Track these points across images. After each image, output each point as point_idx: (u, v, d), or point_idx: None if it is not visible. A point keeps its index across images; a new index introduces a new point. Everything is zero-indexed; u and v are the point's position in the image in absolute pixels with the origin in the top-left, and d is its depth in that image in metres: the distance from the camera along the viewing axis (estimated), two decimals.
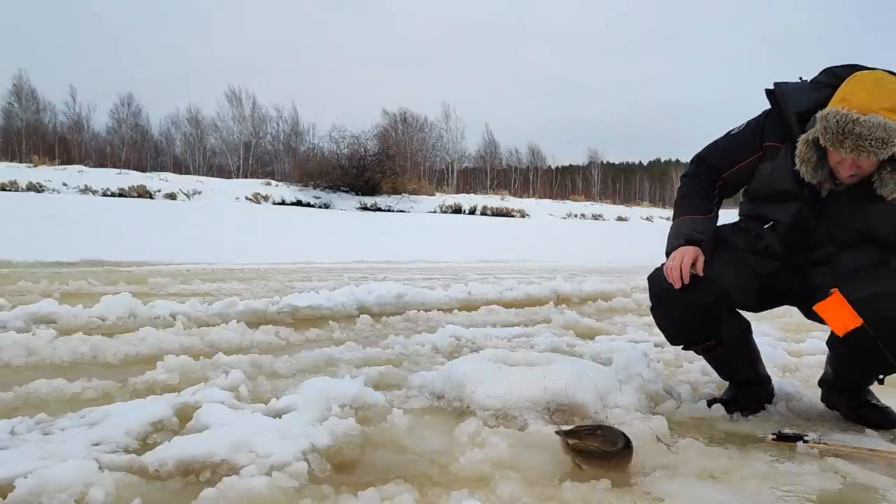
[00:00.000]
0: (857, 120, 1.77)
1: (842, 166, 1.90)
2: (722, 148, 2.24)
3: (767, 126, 2.11)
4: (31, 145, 36.61)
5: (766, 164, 2.11)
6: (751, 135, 2.15)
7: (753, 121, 2.18)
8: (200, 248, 9.03)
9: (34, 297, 4.13)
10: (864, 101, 1.79)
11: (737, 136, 2.20)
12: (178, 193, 25.10)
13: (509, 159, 55.02)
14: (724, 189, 2.27)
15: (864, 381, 2.21)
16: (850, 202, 1.99)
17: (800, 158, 1.95)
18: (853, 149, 1.80)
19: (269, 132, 47.84)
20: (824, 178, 1.96)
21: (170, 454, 1.59)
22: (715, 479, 1.65)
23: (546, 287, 5.63)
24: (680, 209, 2.27)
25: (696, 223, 2.18)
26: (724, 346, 2.29)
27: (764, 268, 2.18)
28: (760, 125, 2.14)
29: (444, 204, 29.53)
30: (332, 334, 3.52)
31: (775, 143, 2.08)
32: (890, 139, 1.77)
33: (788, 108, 2.02)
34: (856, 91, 1.83)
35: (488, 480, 1.58)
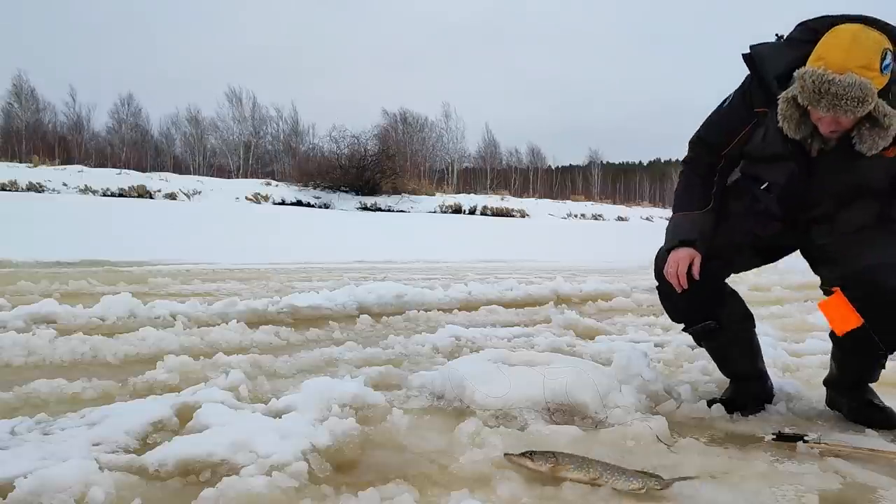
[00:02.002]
0: (832, 80, 1.78)
1: (822, 123, 1.92)
2: (717, 125, 2.25)
3: (754, 93, 2.12)
4: (31, 145, 36.56)
5: (758, 129, 2.13)
6: (741, 105, 2.16)
7: (739, 90, 2.18)
8: (200, 248, 9.03)
9: (34, 297, 4.13)
10: (839, 59, 1.79)
11: (728, 110, 2.20)
12: (178, 193, 25.09)
13: (509, 159, 55.11)
14: (725, 166, 2.28)
15: (868, 375, 2.22)
16: (839, 158, 2.01)
17: (782, 116, 1.97)
18: (829, 108, 1.82)
19: (269, 132, 47.87)
20: (809, 133, 1.98)
21: (170, 454, 1.59)
22: (715, 479, 1.65)
23: (546, 287, 5.63)
24: (677, 203, 2.30)
25: (690, 221, 2.22)
26: (723, 332, 2.30)
27: (765, 230, 2.22)
28: (747, 93, 2.14)
29: (444, 204, 29.52)
30: (332, 334, 3.52)
31: (763, 108, 2.10)
32: (865, 98, 1.79)
33: (768, 74, 2.04)
34: (832, 49, 1.83)
35: (488, 480, 1.58)
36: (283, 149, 46.93)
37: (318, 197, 28.19)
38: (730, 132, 2.19)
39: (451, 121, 48.99)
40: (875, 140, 1.90)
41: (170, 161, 44.92)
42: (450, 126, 49.01)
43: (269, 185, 29.87)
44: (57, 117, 43.79)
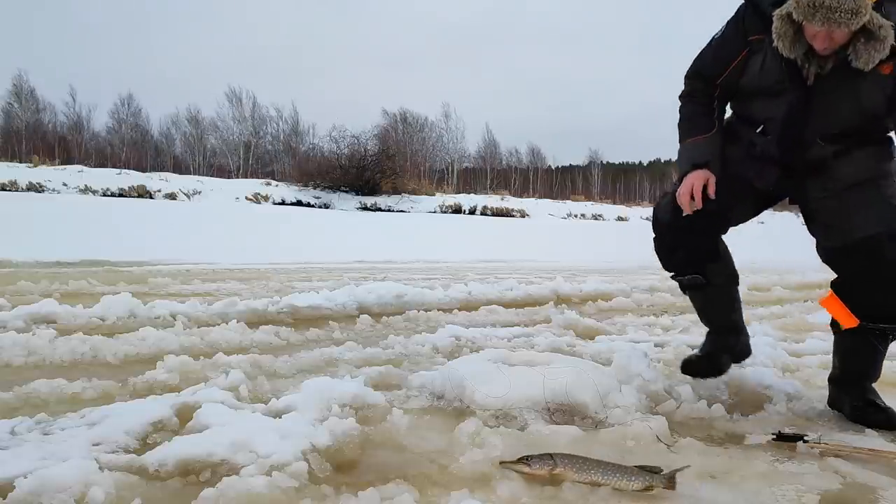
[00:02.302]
0: None
1: (816, 39, 1.92)
2: (710, 56, 2.26)
3: (748, 20, 2.12)
4: (31, 145, 36.53)
5: (755, 57, 2.13)
6: (734, 33, 2.17)
7: (733, 19, 2.19)
8: (200, 248, 9.03)
9: (34, 297, 4.13)
10: None
11: (721, 39, 2.21)
12: (178, 193, 25.09)
13: (509, 159, 55.07)
14: (722, 97, 2.29)
15: (870, 369, 2.24)
16: (836, 81, 2.01)
17: (776, 34, 1.97)
18: (824, 21, 1.83)
19: (269, 132, 47.84)
20: (803, 53, 1.99)
21: (170, 454, 1.59)
22: (715, 479, 1.65)
23: (546, 287, 5.62)
24: (683, 132, 2.30)
25: (700, 145, 2.23)
26: (709, 287, 2.39)
27: (762, 180, 2.25)
28: (741, 21, 2.14)
29: (444, 204, 29.51)
30: (332, 334, 3.52)
31: (759, 35, 2.09)
32: (859, 9, 1.80)
33: (759, 1, 2.06)
34: None
35: (488, 480, 1.58)
36: (283, 149, 46.91)
37: (318, 197, 28.19)
38: (724, 61, 2.20)
39: (451, 121, 48.99)
40: (871, 53, 1.90)
41: (170, 161, 44.89)
42: (450, 126, 49.02)
43: (269, 185, 29.86)
44: (57, 117, 43.79)
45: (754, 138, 2.24)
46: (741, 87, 2.22)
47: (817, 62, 2.00)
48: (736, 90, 2.25)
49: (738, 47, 2.15)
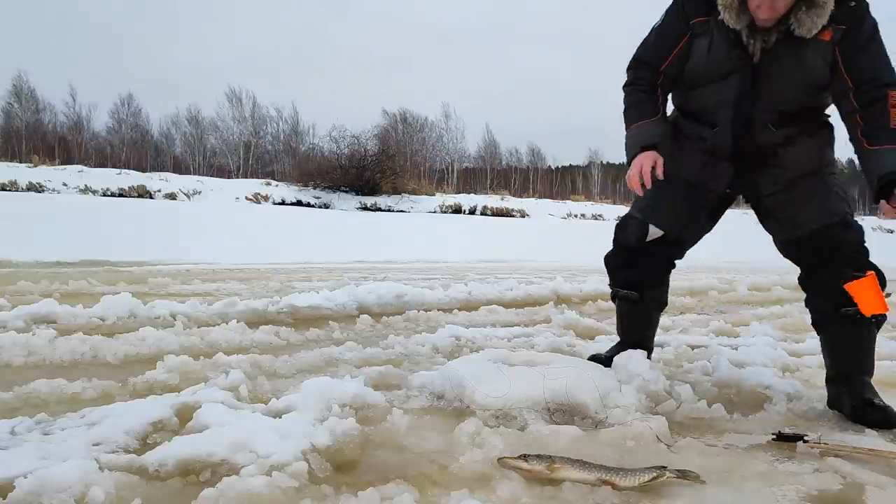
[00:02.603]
0: None
1: (761, 8, 1.97)
2: (652, 42, 2.31)
3: (688, 4, 2.17)
4: (31, 145, 36.53)
5: (699, 41, 2.17)
6: (675, 19, 2.21)
7: (673, 5, 2.24)
8: (200, 248, 9.02)
9: (34, 297, 4.13)
10: None
11: (661, 28, 2.27)
12: (178, 193, 25.09)
13: (509, 159, 55.07)
14: (665, 84, 2.33)
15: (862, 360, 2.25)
16: (782, 54, 2.08)
17: (723, 6, 2.02)
18: None
19: (269, 132, 47.85)
20: (747, 25, 2.04)
21: (170, 454, 1.59)
22: (715, 479, 1.65)
23: (546, 287, 5.62)
24: (628, 118, 2.34)
25: (646, 128, 2.27)
26: (640, 305, 2.58)
27: (717, 180, 2.33)
28: (681, 7, 2.19)
29: (444, 204, 29.51)
30: (332, 334, 3.52)
31: (701, 17, 2.14)
32: None
33: None
34: None
35: (488, 480, 1.58)
36: (283, 149, 46.92)
37: (318, 197, 28.19)
38: (667, 47, 2.25)
39: (451, 121, 49.03)
40: (814, 20, 1.97)
41: (170, 161, 44.90)
42: (450, 126, 49.04)
43: (269, 185, 29.87)
44: (57, 117, 43.80)
45: (703, 133, 2.29)
46: (687, 75, 2.26)
47: (761, 37, 2.06)
48: (681, 78, 2.30)
49: (679, 32, 2.20)
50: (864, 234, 2.20)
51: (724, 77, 2.16)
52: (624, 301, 2.62)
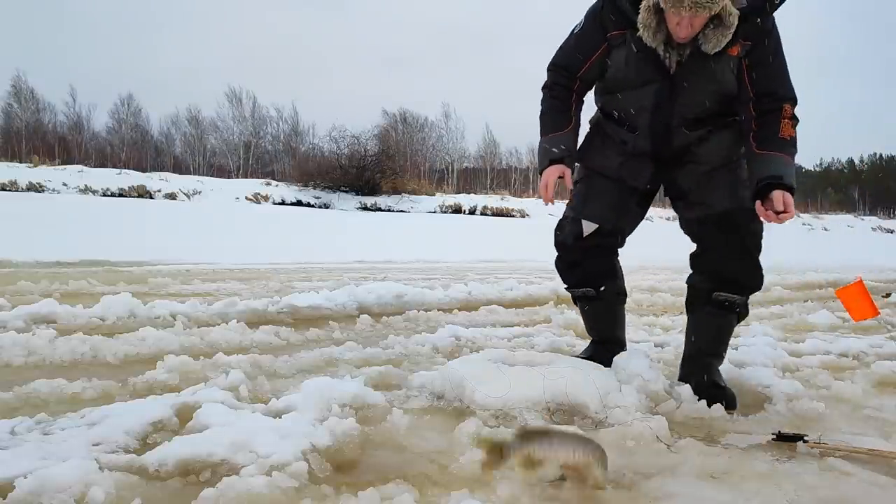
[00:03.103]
0: None
1: (680, 27, 2.06)
2: (570, 49, 2.38)
3: (605, 17, 2.24)
4: (32, 145, 36.52)
5: (617, 52, 2.26)
6: (592, 30, 2.30)
7: (591, 14, 2.32)
8: (200, 248, 9.02)
9: (34, 297, 4.13)
10: None
11: (580, 34, 2.35)
12: (178, 193, 25.10)
13: (509, 159, 55.04)
14: (581, 89, 2.43)
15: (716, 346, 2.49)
16: (695, 67, 2.19)
17: (642, 24, 2.11)
18: (692, 5, 1.96)
19: (269, 132, 47.80)
20: (663, 41, 2.14)
21: (170, 454, 1.59)
22: (715, 479, 1.65)
23: (546, 287, 5.62)
24: (542, 127, 2.43)
25: (556, 140, 2.36)
26: (599, 301, 2.62)
27: (637, 178, 2.44)
28: (598, 18, 2.26)
29: (444, 204, 29.51)
30: (332, 334, 3.52)
31: (618, 30, 2.23)
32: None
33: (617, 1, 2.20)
34: None
35: (488, 480, 1.58)
36: (283, 149, 46.89)
37: (318, 197, 28.20)
38: (584, 54, 2.33)
39: (451, 121, 48.98)
40: (719, 38, 2.09)
41: (170, 161, 44.88)
42: (450, 126, 49.00)
43: (269, 185, 29.87)
44: (57, 117, 43.75)
45: (624, 136, 2.40)
46: (607, 81, 2.36)
47: (677, 51, 2.17)
48: (597, 83, 2.42)
49: (597, 42, 2.29)
50: (763, 230, 2.36)
51: (642, 85, 2.27)
52: (582, 300, 2.68)
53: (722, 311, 2.43)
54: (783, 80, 2.24)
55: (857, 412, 2.38)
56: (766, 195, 2.13)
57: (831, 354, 3.31)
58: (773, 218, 2.13)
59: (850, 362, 3.22)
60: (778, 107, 2.20)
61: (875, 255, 15.19)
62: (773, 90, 2.21)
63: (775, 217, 2.12)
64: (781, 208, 2.09)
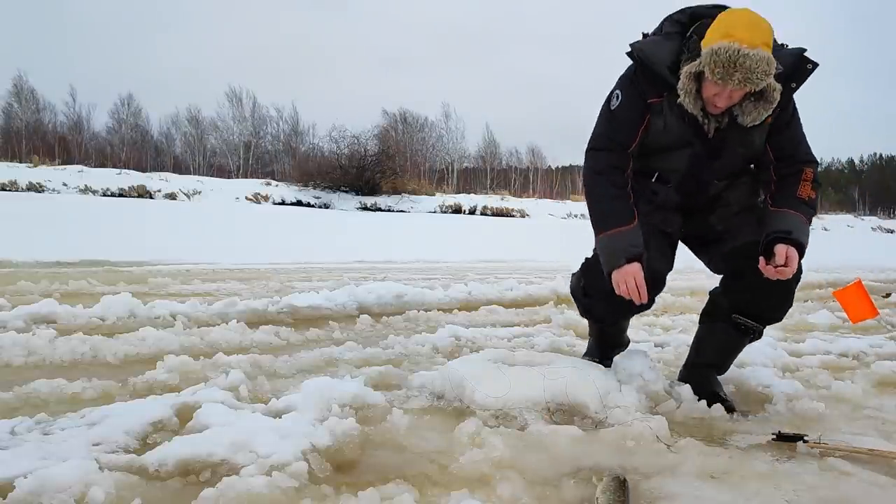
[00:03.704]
0: (747, 54, 1.90)
1: (719, 98, 2.03)
2: (617, 127, 2.25)
3: (642, 84, 2.19)
4: (32, 145, 36.53)
5: (655, 119, 2.20)
6: (634, 98, 2.21)
7: (626, 86, 2.24)
8: (200, 248, 9.02)
9: (34, 297, 4.13)
10: (749, 36, 1.92)
11: (622, 109, 2.23)
12: (178, 193, 25.10)
13: (509, 159, 55.04)
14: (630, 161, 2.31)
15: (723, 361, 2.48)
16: (734, 134, 2.16)
17: (683, 91, 2.06)
18: (742, 81, 1.93)
19: (269, 132, 47.80)
20: (700, 110, 2.10)
21: (170, 454, 1.59)
22: (715, 479, 1.65)
23: (546, 287, 5.62)
24: (603, 219, 2.23)
25: (627, 237, 2.17)
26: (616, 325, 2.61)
27: (669, 225, 2.36)
28: (637, 86, 2.20)
29: (444, 204, 29.52)
30: (332, 334, 3.52)
31: (655, 98, 2.17)
32: (770, 71, 1.94)
33: (657, 65, 2.14)
34: (738, 27, 1.94)
35: (488, 480, 1.58)
36: (283, 149, 46.89)
37: (318, 197, 28.20)
38: (634, 126, 2.23)
39: (451, 121, 48.96)
40: (760, 112, 2.07)
41: (170, 161, 44.88)
42: (450, 126, 48.98)
43: (269, 185, 29.87)
44: (57, 117, 43.74)
45: (654, 187, 2.33)
46: (645, 145, 2.27)
47: (715, 118, 2.14)
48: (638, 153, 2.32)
49: (641, 111, 2.20)
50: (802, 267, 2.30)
51: (678, 149, 2.23)
52: (598, 323, 2.60)
53: (736, 333, 2.39)
54: (803, 145, 2.25)
55: (857, 412, 2.38)
56: (772, 250, 2.10)
57: (831, 354, 3.32)
58: (772, 272, 2.09)
59: (850, 362, 3.22)
60: (798, 170, 2.21)
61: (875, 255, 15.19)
62: (792, 154, 2.23)
63: (774, 271, 2.08)
64: (782, 262, 2.06)
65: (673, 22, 2.20)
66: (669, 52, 2.13)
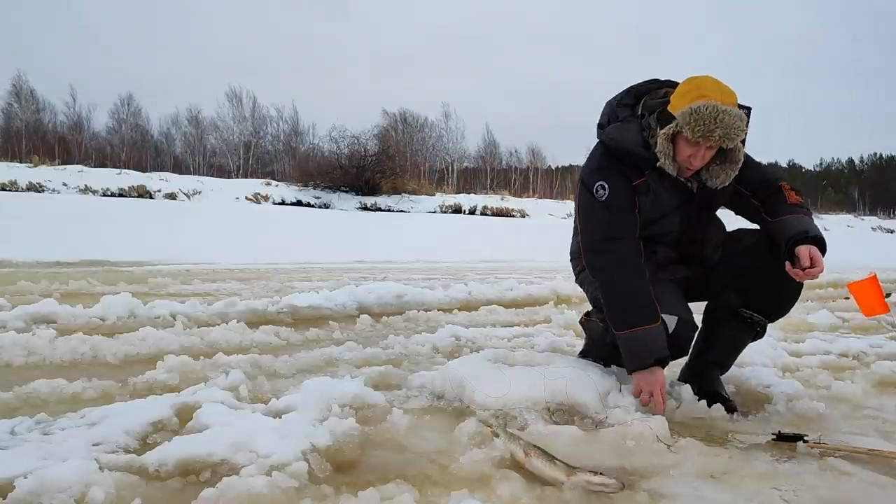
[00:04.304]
0: (725, 111, 1.98)
1: (695, 158, 2.10)
2: (620, 215, 2.22)
3: (626, 169, 2.24)
4: (31, 145, 36.51)
5: (643, 198, 2.25)
6: (622, 186, 2.24)
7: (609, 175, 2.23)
8: (200, 248, 9.02)
9: (34, 297, 4.13)
10: (721, 96, 2.02)
11: (616, 198, 2.22)
12: (178, 193, 25.10)
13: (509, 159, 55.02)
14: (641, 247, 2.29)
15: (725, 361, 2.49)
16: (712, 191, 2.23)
17: (661, 153, 2.12)
18: (721, 137, 2.00)
19: (269, 132, 47.79)
20: (676, 171, 2.16)
21: (170, 454, 1.59)
22: (715, 479, 1.65)
23: (546, 287, 5.62)
24: (625, 315, 2.16)
25: (653, 336, 2.13)
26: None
27: (675, 274, 2.39)
28: (620, 172, 2.24)
29: (444, 204, 29.51)
30: (332, 334, 3.52)
31: (639, 179, 2.22)
32: (744, 127, 2.04)
33: (632, 146, 2.20)
34: (710, 89, 2.03)
35: (488, 480, 1.58)
36: (283, 149, 46.88)
37: (318, 197, 28.19)
38: (631, 211, 2.23)
39: (450, 121, 48.97)
40: (728, 173, 2.17)
41: (170, 161, 44.87)
42: (450, 126, 48.99)
43: (269, 185, 29.86)
44: (57, 117, 43.73)
45: (652, 247, 2.33)
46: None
47: (695, 179, 2.22)
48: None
49: (631, 195, 2.24)
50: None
51: (668, 214, 2.28)
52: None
53: (743, 327, 2.41)
54: (765, 169, 2.38)
55: (857, 412, 2.38)
56: (794, 253, 2.11)
57: (831, 354, 3.32)
58: (802, 275, 2.08)
59: (850, 362, 3.22)
60: (777, 187, 2.30)
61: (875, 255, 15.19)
62: (764, 178, 2.33)
63: (803, 274, 2.08)
64: (808, 263, 2.07)
65: (623, 107, 2.27)
66: (635, 133, 2.20)
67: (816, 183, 63.45)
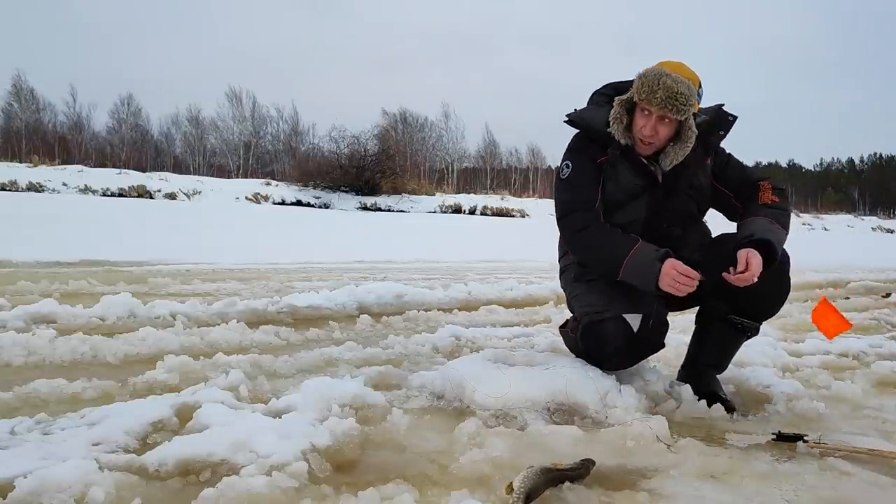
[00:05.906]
0: (669, 74, 2.10)
1: (646, 127, 2.17)
2: (578, 190, 2.33)
3: (586, 146, 2.34)
4: (31, 145, 36.53)
5: (607, 175, 2.32)
6: (584, 164, 2.34)
7: (573, 154, 2.37)
8: (200, 248, 9.02)
9: (34, 297, 4.12)
10: (674, 67, 2.15)
11: (576, 174, 2.35)
12: (178, 193, 25.11)
13: (509, 159, 55.04)
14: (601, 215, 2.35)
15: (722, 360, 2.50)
16: (680, 175, 2.29)
17: (613, 119, 2.22)
18: (663, 101, 2.08)
19: (269, 132, 47.84)
20: (628, 138, 2.24)
21: (170, 454, 1.59)
22: (715, 479, 1.65)
23: (546, 287, 5.62)
24: (612, 257, 2.22)
25: (642, 252, 2.18)
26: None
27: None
28: (585, 150, 2.34)
29: (444, 204, 29.53)
30: (332, 334, 3.52)
31: (602, 157, 2.31)
32: (690, 99, 2.11)
33: (596, 126, 2.30)
34: (667, 65, 2.16)
35: (488, 480, 1.58)
36: (283, 149, 46.91)
37: (318, 197, 28.22)
38: (591, 185, 2.32)
39: (450, 121, 49.02)
40: (676, 154, 2.22)
41: (170, 161, 44.90)
42: (450, 126, 49.04)
43: (269, 185, 29.89)
44: (57, 117, 43.77)
45: None
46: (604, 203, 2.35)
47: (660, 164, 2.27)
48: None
49: (593, 171, 2.32)
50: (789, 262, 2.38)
51: (635, 199, 2.32)
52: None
53: (734, 331, 2.42)
54: (750, 170, 2.44)
55: (857, 412, 2.38)
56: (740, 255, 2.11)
57: (831, 354, 3.31)
58: (734, 280, 2.08)
59: (850, 362, 3.22)
60: (756, 187, 2.34)
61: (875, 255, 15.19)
62: (745, 178, 2.39)
63: (735, 279, 2.08)
64: (742, 268, 2.07)
65: (600, 95, 2.39)
66: (603, 115, 2.28)
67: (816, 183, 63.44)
